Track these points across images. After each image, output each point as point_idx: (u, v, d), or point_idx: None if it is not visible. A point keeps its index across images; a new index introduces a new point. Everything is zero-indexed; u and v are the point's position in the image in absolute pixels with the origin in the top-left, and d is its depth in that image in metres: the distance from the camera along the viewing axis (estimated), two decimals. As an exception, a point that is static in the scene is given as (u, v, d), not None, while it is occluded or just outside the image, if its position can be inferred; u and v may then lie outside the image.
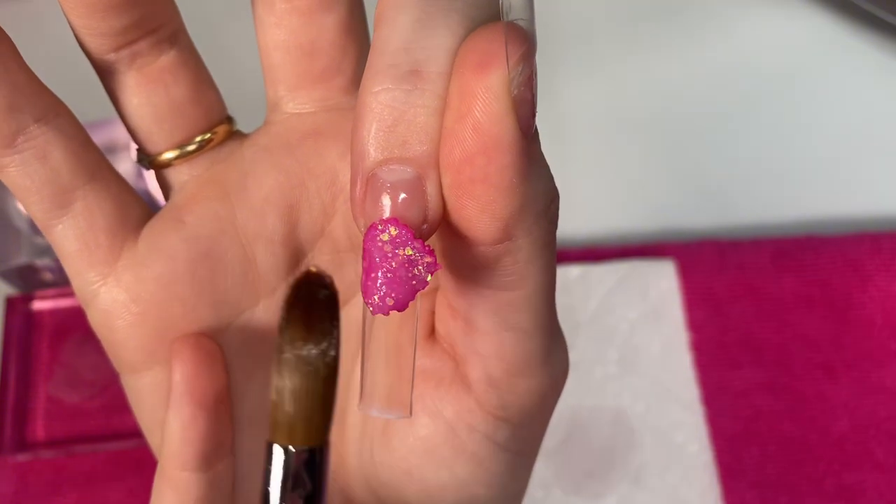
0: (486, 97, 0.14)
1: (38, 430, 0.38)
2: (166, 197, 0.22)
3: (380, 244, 0.15)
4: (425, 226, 0.16)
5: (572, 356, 0.21)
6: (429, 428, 0.21)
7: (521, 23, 0.15)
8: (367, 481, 0.23)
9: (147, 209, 0.22)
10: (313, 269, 0.18)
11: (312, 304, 0.17)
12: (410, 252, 0.15)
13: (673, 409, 0.38)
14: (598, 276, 0.40)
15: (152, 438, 0.22)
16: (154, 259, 0.21)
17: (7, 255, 0.37)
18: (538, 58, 0.15)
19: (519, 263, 0.17)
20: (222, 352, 0.21)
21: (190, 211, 0.21)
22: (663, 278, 0.40)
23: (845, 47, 0.47)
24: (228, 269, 0.21)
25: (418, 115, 0.15)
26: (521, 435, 0.21)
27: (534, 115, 0.15)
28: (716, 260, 0.40)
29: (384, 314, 0.16)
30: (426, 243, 0.16)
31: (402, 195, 0.15)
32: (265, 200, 0.21)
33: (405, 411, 0.17)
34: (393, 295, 0.16)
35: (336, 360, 0.17)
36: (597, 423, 0.38)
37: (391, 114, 0.15)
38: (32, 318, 0.40)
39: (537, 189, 0.16)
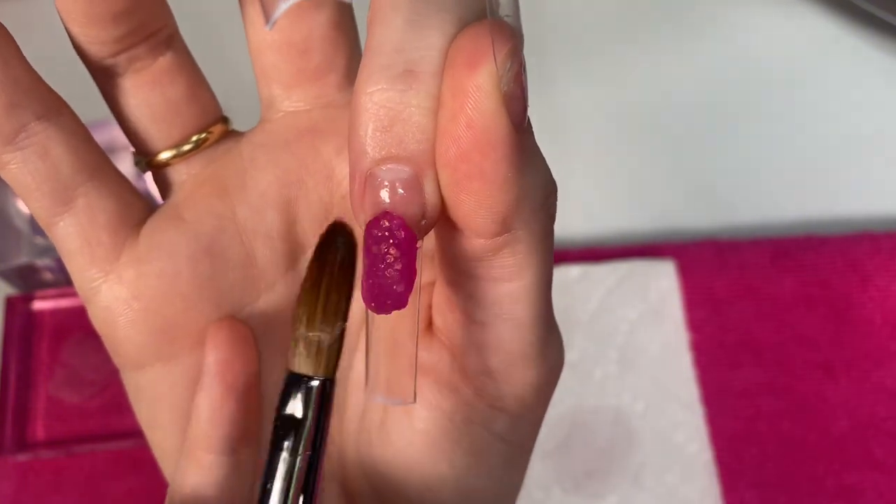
0: (476, 95, 0.15)
1: (38, 430, 0.38)
2: (164, 197, 0.22)
3: (372, 241, 0.16)
4: (424, 221, 0.16)
5: (572, 356, 0.21)
6: (427, 420, 0.21)
7: (507, 19, 0.15)
8: (365, 475, 0.23)
9: (147, 207, 0.22)
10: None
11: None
12: (384, 248, 0.16)
13: (673, 408, 0.38)
14: (598, 276, 0.40)
15: (151, 435, 0.22)
16: (155, 256, 0.21)
17: (7, 255, 0.37)
18: (535, 56, 0.15)
19: (517, 255, 0.17)
20: (255, 339, 0.21)
21: (189, 208, 0.21)
22: (663, 278, 0.40)
23: (845, 47, 0.47)
24: (229, 265, 0.21)
25: (413, 115, 0.15)
26: (519, 426, 0.21)
27: (525, 110, 0.15)
28: (715, 260, 0.40)
29: (386, 313, 0.16)
30: (418, 241, 0.16)
31: (400, 192, 0.16)
32: (263, 197, 0.21)
33: (409, 398, 0.17)
34: (388, 299, 0.16)
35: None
36: (597, 423, 0.38)
37: (387, 114, 0.15)
38: (32, 318, 0.40)
39: (534, 182, 0.16)
